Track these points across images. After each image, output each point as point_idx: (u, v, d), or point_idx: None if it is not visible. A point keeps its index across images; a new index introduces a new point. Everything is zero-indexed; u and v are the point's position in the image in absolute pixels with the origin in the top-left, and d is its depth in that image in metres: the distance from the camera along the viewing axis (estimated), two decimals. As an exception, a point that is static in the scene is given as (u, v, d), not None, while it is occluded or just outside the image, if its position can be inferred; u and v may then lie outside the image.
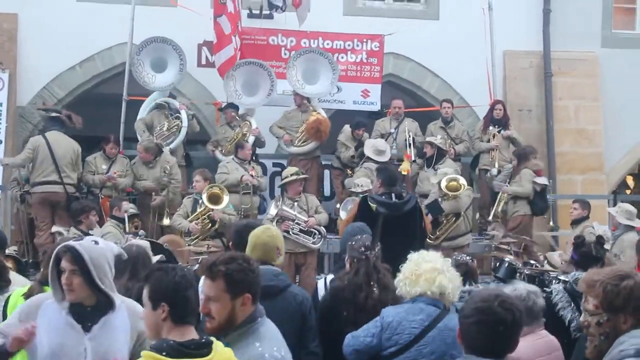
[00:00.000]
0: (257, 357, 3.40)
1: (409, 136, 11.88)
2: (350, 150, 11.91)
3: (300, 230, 10.00)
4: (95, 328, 3.88)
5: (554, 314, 5.65)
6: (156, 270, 3.25)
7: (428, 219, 9.02)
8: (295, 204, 10.09)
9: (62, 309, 3.88)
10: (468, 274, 5.98)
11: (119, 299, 3.97)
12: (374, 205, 7.61)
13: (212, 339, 3.19)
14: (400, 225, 7.46)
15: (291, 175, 10.11)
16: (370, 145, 11.25)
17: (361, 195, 8.85)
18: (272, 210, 10.11)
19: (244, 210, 10.56)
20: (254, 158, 11.42)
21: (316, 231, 10.06)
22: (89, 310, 3.90)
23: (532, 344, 4.81)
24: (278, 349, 3.51)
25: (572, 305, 5.68)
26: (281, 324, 3.79)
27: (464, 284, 5.47)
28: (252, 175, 10.72)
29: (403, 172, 11.27)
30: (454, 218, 10.39)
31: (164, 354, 3.00)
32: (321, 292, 5.61)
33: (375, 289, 5.06)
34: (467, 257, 6.40)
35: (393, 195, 7.79)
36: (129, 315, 3.95)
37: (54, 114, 10.92)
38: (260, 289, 3.60)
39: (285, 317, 4.56)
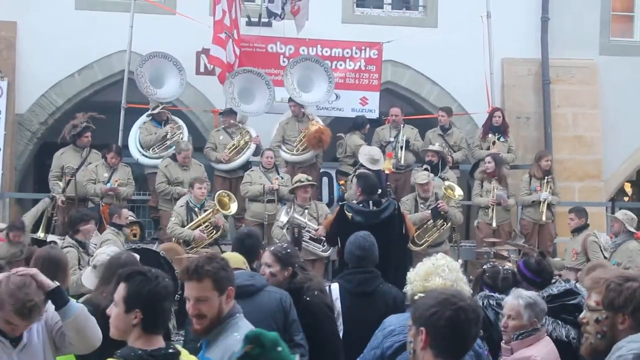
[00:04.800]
0: (235, 343, 3.44)
1: (403, 141, 11.82)
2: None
3: (310, 238, 9.99)
4: (22, 341, 3.78)
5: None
6: (138, 273, 3.15)
7: (411, 223, 9.05)
8: (305, 211, 10.07)
9: None
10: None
11: None
12: (349, 214, 7.73)
13: (179, 348, 3.14)
14: (377, 233, 7.41)
15: (300, 181, 10.10)
16: (366, 153, 10.99)
17: (340, 203, 8.91)
18: (283, 217, 10.05)
19: (268, 217, 10.65)
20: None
21: (325, 239, 9.91)
22: None
23: (549, 349, 4.81)
24: None
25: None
26: (261, 322, 3.83)
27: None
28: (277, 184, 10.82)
29: (386, 171, 11.22)
30: (444, 224, 10.34)
31: None
32: (335, 294, 5.61)
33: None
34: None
35: (371, 203, 7.83)
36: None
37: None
38: (238, 290, 3.74)
39: (264, 315, 4.66)
